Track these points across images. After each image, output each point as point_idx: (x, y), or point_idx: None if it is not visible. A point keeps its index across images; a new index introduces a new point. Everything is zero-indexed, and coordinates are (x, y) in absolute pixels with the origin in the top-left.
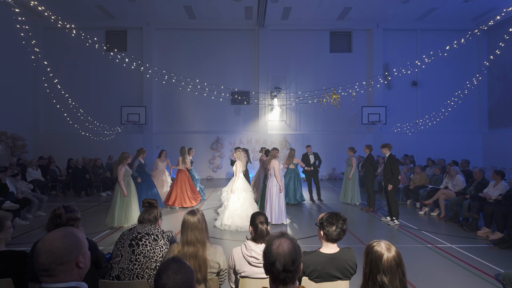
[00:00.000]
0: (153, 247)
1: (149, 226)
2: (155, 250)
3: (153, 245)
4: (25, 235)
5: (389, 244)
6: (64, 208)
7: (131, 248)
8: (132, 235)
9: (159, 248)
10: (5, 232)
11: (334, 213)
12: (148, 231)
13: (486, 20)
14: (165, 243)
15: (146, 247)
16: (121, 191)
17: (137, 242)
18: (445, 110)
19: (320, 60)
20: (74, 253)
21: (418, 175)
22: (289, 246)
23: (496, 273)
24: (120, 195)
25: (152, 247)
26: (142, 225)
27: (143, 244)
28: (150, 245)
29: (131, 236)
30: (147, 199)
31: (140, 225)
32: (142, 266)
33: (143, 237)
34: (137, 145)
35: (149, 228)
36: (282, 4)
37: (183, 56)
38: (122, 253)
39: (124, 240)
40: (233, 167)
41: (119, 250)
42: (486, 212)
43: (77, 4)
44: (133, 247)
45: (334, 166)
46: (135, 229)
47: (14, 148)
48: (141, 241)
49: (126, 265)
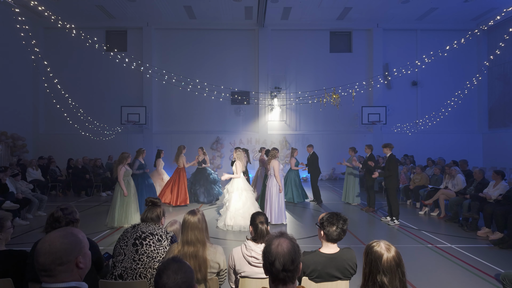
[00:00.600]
0: (157, 247)
1: (153, 225)
2: (158, 250)
3: (157, 246)
4: (25, 235)
5: (388, 244)
6: (62, 210)
7: (134, 248)
8: (136, 234)
9: (163, 249)
10: (5, 232)
11: (334, 213)
12: (153, 231)
13: (486, 20)
14: (168, 244)
15: (150, 247)
16: (121, 191)
17: (141, 241)
18: (445, 110)
19: (320, 60)
20: (74, 253)
21: (418, 175)
22: (288, 246)
23: (496, 273)
24: (120, 195)
25: (156, 248)
26: (146, 224)
27: (147, 244)
28: (154, 245)
29: (135, 235)
30: (150, 198)
31: (144, 224)
32: (145, 266)
33: (147, 237)
34: (137, 145)
35: (153, 228)
36: (282, 4)
37: (183, 56)
38: (126, 252)
39: (128, 239)
40: (233, 167)
41: (122, 248)
42: (486, 212)
43: (77, 4)
44: (137, 247)
45: (334, 166)
46: (139, 227)
47: (14, 148)
48: (145, 240)
49: (129, 264)
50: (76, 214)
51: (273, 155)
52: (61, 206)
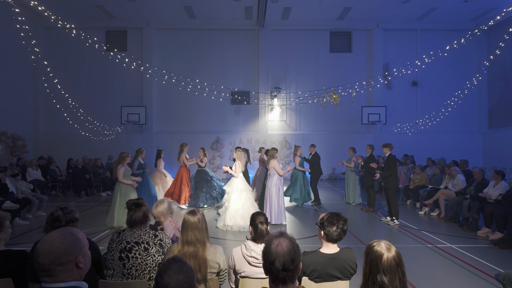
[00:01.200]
0: (144, 258)
1: (139, 231)
2: (146, 261)
3: (144, 256)
4: (25, 235)
5: (389, 244)
6: (62, 209)
7: (121, 262)
8: (121, 245)
9: (151, 258)
10: (5, 232)
11: (334, 213)
12: (138, 239)
13: (486, 20)
14: (158, 250)
15: (137, 259)
16: (120, 191)
17: (126, 254)
18: (445, 110)
19: (320, 60)
20: (73, 253)
21: (418, 175)
22: (288, 245)
23: (496, 273)
24: (120, 195)
25: (143, 259)
26: (130, 230)
27: (133, 256)
28: (141, 256)
29: (120, 246)
30: (132, 200)
31: (129, 231)
32: (136, 279)
33: (132, 248)
34: (137, 145)
35: (139, 235)
36: (282, 4)
37: (183, 56)
38: (114, 267)
39: (114, 251)
40: (233, 167)
41: (110, 262)
42: (486, 212)
43: (77, 4)
44: (124, 260)
45: (334, 166)
46: (124, 236)
47: (14, 148)
48: (131, 253)
49: (120, 279)
50: (75, 214)
51: (272, 155)
52: (60, 205)
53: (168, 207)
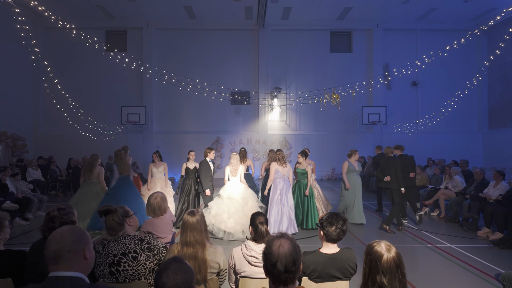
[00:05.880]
0: (136, 269)
1: (123, 240)
2: (138, 271)
3: (134, 266)
4: (25, 235)
5: (389, 245)
6: (59, 210)
7: (113, 276)
8: (108, 259)
9: (142, 266)
10: (4, 232)
11: (334, 213)
12: (124, 249)
13: (486, 20)
14: (148, 256)
15: (128, 272)
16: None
17: (116, 268)
18: (445, 110)
19: (320, 60)
20: (82, 243)
21: (418, 175)
22: (290, 247)
23: (496, 273)
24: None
25: (134, 270)
26: (115, 241)
27: (123, 269)
28: (131, 268)
29: (107, 261)
30: (99, 208)
31: (113, 241)
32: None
33: (120, 260)
34: (137, 145)
35: (124, 244)
36: (282, 4)
37: (183, 56)
38: (106, 280)
39: (102, 266)
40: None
41: (102, 278)
42: (486, 212)
43: (77, 4)
44: (115, 275)
45: (334, 166)
46: (109, 249)
47: (14, 148)
48: (120, 266)
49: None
50: (73, 216)
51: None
52: (60, 205)
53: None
